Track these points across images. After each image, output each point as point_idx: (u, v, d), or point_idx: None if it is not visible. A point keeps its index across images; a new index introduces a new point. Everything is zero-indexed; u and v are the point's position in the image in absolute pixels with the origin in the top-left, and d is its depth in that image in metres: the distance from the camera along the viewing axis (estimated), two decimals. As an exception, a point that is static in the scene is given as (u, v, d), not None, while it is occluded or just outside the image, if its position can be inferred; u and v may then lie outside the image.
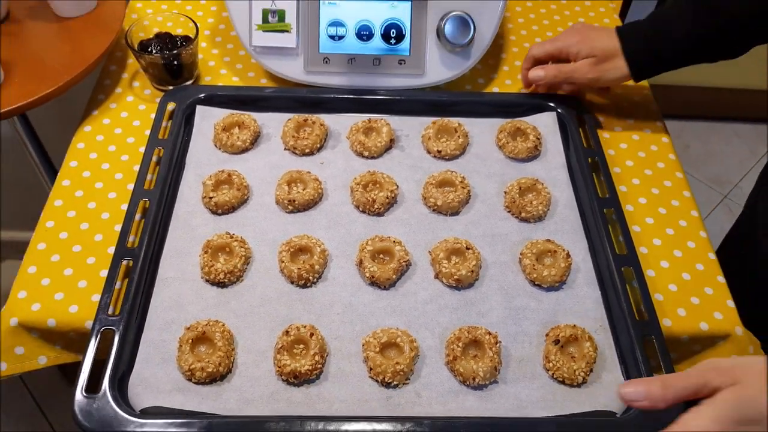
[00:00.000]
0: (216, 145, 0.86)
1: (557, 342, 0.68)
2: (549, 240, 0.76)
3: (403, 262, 0.74)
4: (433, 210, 0.80)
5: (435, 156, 0.86)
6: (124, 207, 0.78)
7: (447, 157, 0.86)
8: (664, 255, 0.78)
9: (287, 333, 0.67)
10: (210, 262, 0.72)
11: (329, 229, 0.78)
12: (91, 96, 0.94)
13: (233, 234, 0.75)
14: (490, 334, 0.68)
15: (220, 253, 0.74)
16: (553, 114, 0.90)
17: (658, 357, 0.67)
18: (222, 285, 0.72)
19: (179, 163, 0.84)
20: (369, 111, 0.89)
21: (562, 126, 0.89)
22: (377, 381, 0.66)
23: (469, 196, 0.81)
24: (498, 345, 0.67)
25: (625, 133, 0.92)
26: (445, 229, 0.78)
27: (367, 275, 0.72)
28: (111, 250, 0.74)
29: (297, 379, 0.65)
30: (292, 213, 0.79)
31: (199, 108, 0.88)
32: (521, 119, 0.89)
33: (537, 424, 0.63)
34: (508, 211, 0.81)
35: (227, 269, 0.72)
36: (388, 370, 0.65)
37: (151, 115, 0.89)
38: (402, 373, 0.65)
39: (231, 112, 0.88)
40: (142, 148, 0.85)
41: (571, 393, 0.66)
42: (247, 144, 0.85)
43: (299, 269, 0.72)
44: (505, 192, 0.81)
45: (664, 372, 0.65)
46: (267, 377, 0.66)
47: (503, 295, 0.73)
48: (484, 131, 0.89)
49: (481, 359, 0.66)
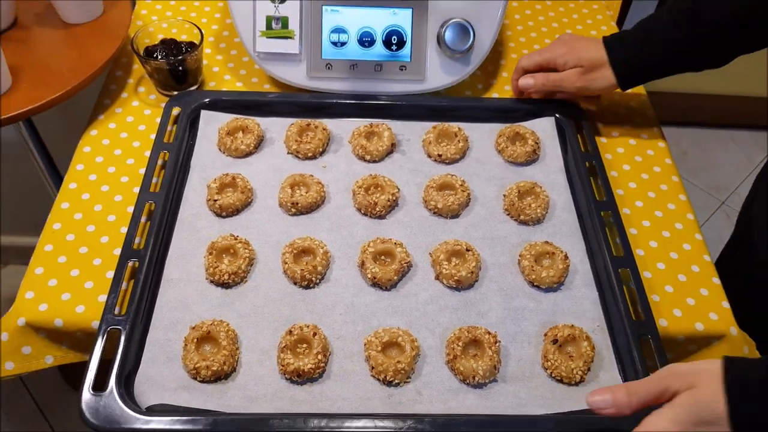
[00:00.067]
0: (220, 149, 0.87)
1: (555, 341, 0.69)
2: (547, 242, 0.78)
3: (404, 263, 0.75)
4: (434, 213, 0.82)
5: (435, 160, 0.88)
6: (129, 209, 0.80)
7: (447, 161, 0.87)
8: (660, 257, 0.80)
9: (290, 332, 0.69)
10: (214, 263, 0.74)
11: (331, 232, 0.79)
12: (97, 101, 0.96)
13: (237, 236, 0.77)
14: (489, 333, 0.69)
15: (224, 255, 0.75)
16: (552, 119, 0.91)
17: (654, 357, 0.68)
18: (226, 286, 0.74)
19: (184, 167, 0.85)
20: (371, 116, 0.91)
21: (560, 131, 0.90)
22: (379, 379, 0.67)
23: (469, 199, 0.83)
24: (497, 344, 0.69)
25: (622, 138, 0.94)
26: (446, 232, 0.80)
27: (369, 276, 0.74)
28: (117, 251, 0.76)
29: (300, 378, 0.66)
30: (295, 216, 0.81)
31: (204, 113, 0.90)
32: (520, 124, 0.91)
33: (536, 421, 0.64)
34: (507, 214, 0.82)
35: (231, 270, 0.73)
36: (389, 368, 0.66)
37: (156, 120, 0.90)
38: (403, 372, 0.66)
39: (235, 116, 0.90)
40: (147, 151, 0.86)
41: (569, 391, 0.67)
42: (251, 148, 0.87)
43: (302, 270, 0.73)
44: (505, 195, 0.83)
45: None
46: (271, 376, 0.67)
47: (502, 296, 0.74)
48: (483, 136, 0.91)
49: (481, 358, 0.68)
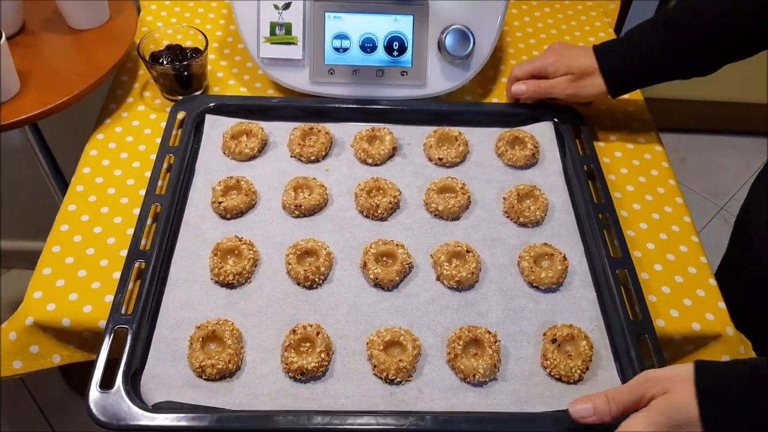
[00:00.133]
0: (224, 153, 0.89)
1: (554, 341, 0.70)
2: (546, 243, 0.79)
3: (406, 264, 0.76)
4: (435, 215, 0.83)
5: (436, 163, 0.89)
6: (135, 211, 0.81)
7: (448, 165, 0.89)
8: (657, 258, 0.81)
9: (294, 332, 0.70)
10: (219, 264, 0.75)
11: (334, 233, 0.81)
12: (104, 105, 0.97)
13: (242, 237, 0.78)
14: (489, 333, 0.70)
15: (229, 256, 0.77)
16: (550, 123, 0.93)
17: (651, 356, 0.69)
18: (231, 286, 0.75)
19: (189, 170, 0.86)
20: (372, 120, 0.93)
21: (558, 135, 0.92)
22: (381, 378, 0.68)
23: (469, 201, 0.84)
24: (497, 343, 0.70)
25: (620, 143, 0.95)
26: (446, 234, 0.81)
27: (371, 277, 0.75)
28: (123, 252, 0.77)
29: (304, 376, 0.68)
30: (298, 218, 0.82)
31: (209, 117, 0.92)
32: (519, 128, 0.92)
33: (535, 419, 0.65)
34: (506, 216, 0.83)
35: (236, 271, 0.74)
36: (391, 367, 0.67)
37: (162, 124, 0.92)
38: (405, 370, 0.68)
39: (239, 120, 0.91)
40: (152, 155, 0.87)
41: (568, 389, 0.68)
42: (255, 151, 0.88)
43: (305, 271, 0.75)
44: (504, 198, 0.84)
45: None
46: (275, 374, 0.68)
47: (502, 297, 0.75)
48: (483, 140, 0.92)
49: (481, 357, 0.69)
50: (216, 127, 0.91)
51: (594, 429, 0.61)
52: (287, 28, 0.93)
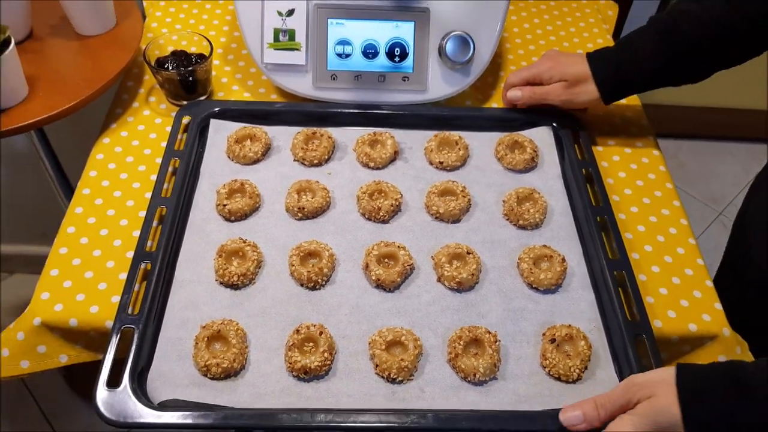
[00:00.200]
0: (229, 157, 0.90)
1: (553, 341, 0.71)
2: (545, 246, 0.80)
3: (407, 266, 0.77)
4: (436, 217, 0.84)
5: (437, 167, 0.90)
6: (141, 214, 0.82)
7: (448, 168, 0.90)
8: (654, 260, 0.82)
9: (297, 331, 0.71)
10: (224, 265, 0.76)
11: (337, 235, 0.82)
12: (110, 110, 0.99)
13: (246, 239, 0.79)
14: (489, 333, 0.72)
15: (233, 257, 0.78)
16: (549, 128, 0.94)
17: (649, 356, 0.70)
18: (235, 287, 0.76)
19: (194, 173, 0.88)
20: (374, 125, 0.94)
21: (557, 139, 0.93)
22: (383, 377, 0.69)
23: (470, 204, 0.86)
24: (497, 343, 0.71)
25: (618, 147, 0.96)
26: (447, 236, 0.82)
27: (373, 278, 0.76)
28: (129, 254, 0.78)
29: (307, 375, 0.69)
30: (301, 220, 0.83)
31: (213, 121, 0.93)
32: (519, 133, 0.94)
33: (534, 417, 0.66)
34: (506, 219, 0.85)
35: (240, 272, 0.76)
36: (393, 366, 0.68)
37: (167, 128, 0.93)
38: (406, 370, 0.69)
39: (243, 125, 0.93)
40: (158, 158, 0.89)
41: (567, 388, 0.69)
42: (259, 155, 0.90)
43: (308, 272, 0.76)
44: (504, 201, 0.86)
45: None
46: (278, 373, 0.70)
47: (502, 298, 0.77)
48: (483, 144, 0.93)
49: (482, 357, 0.70)
50: (220, 132, 0.92)
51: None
52: (291, 34, 0.94)
